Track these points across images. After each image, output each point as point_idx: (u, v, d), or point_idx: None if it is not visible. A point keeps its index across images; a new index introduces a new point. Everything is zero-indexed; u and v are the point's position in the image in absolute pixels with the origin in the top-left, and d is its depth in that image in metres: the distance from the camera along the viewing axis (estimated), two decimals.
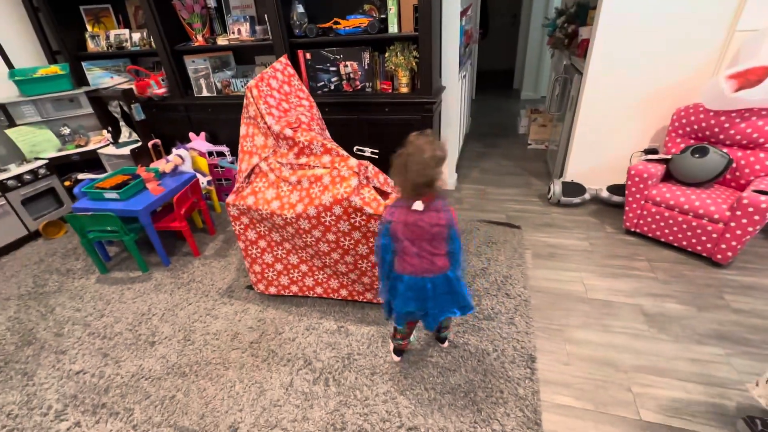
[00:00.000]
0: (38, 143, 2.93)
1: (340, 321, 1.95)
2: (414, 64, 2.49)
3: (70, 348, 1.91)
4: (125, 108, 3.04)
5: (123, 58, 3.29)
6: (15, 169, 2.77)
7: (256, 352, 1.81)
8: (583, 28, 3.03)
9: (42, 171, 2.87)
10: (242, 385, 1.65)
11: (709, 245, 2.08)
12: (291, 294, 2.08)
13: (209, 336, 1.92)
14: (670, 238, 2.23)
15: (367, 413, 1.50)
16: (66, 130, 3.07)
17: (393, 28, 2.44)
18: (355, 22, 2.51)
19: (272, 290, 2.07)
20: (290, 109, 2.02)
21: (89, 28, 3.18)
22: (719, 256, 2.06)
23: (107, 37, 3.14)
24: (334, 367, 1.70)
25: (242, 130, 1.94)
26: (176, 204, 2.38)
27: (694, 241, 2.13)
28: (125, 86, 3.18)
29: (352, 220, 1.64)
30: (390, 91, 2.64)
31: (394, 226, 1.32)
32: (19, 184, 2.75)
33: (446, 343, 1.77)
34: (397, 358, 1.71)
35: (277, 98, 1.97)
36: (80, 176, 3.00)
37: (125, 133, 3.15)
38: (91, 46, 3.18)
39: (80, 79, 3.19)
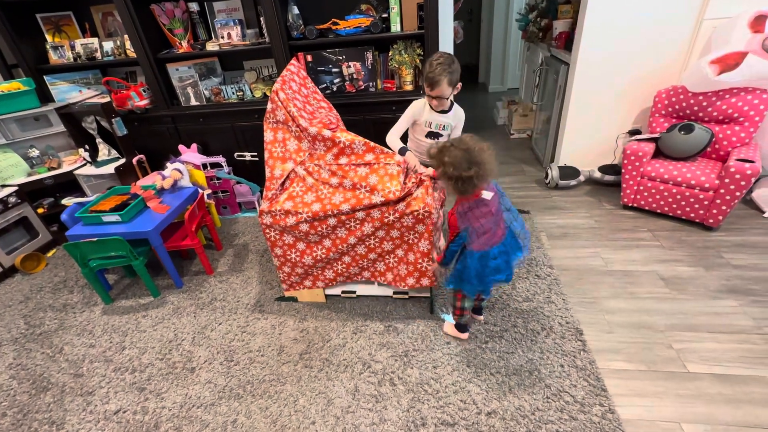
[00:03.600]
0: (4, 169, 2.61)
1: (386, 321, 1.94)
2: (418, 61, 2.53)
3: (97, 387, 1.74)
4: (103, 123, 2.80)
5: (91, 69, 3.02)
6: None
7: (308, 362, 1.76)
8: (558, 21, 3.24)
9: (12, 200, 2.56)
10: (306, 398, 1.60)
11: (701, 212, 2.32)
12: (338, 283, 1.99)
13: (253, 353, 1.83)
14: (666, 208, 2.46)
15: (442, 405, 1.52)
16: (34, 152, 2.76)
17: (396, 27, 2.46)
18: (356, 22, 2.50)
19: (319, 284, 1.99)
20: (314, 111, 1.99)
21: (49, 38, 2.88)
22: (711, 221, 2.30)
23: (72, 48, 2.86)
24: (395, 366, 1.70)
25: (268, 135, 1.87)
26: (188, 220, 2.23)
27: (688, 209, 2.37)
28: (98, 99, 2.92)
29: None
30: (394, 89, 2.67)
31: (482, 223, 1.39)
32: None
33: (482, 316, 1.87)
34: (465, 335, 1.77)
35: (301, 101, 1.92)
36: (65, 201, 2.72)
37: (104, 151, 2.89)
38: (53, 58, 2.88)
39: (43, 95, 2.88)
